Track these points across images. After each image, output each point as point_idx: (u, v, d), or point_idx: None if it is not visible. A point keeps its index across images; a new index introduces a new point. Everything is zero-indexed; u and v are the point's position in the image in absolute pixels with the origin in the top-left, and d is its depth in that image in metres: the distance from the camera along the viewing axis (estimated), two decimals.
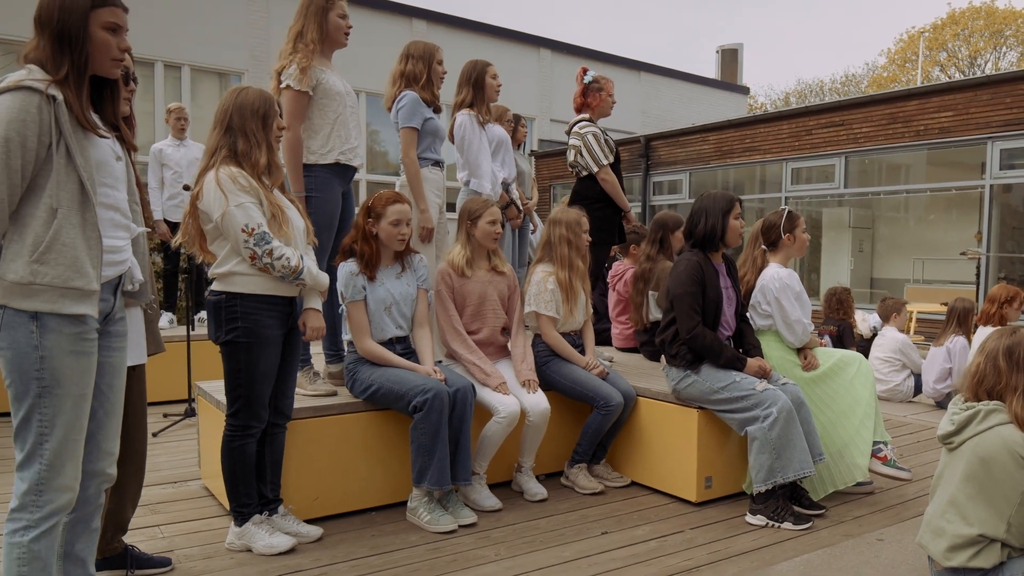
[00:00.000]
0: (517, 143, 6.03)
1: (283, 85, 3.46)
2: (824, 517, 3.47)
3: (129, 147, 2.30)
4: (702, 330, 3.53)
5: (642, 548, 3.11)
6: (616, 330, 5.24)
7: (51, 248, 1.95)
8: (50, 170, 1.95)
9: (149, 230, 2.53)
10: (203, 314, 6.40)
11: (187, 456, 4.35)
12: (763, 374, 3.55)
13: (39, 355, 1.98)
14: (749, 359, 3.58)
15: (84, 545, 2.27)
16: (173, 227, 6.09)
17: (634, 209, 10.44)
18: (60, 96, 1.96)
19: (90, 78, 2.08)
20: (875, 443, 3.84)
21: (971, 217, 11.50)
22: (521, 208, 4.73)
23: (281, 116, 3.03)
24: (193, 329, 5.46)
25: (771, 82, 61.54)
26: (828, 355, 3.91)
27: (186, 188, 5.81)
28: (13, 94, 1.91)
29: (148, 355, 2.77)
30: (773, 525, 3.36)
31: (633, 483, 3.93)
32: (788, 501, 3.47)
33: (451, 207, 4.23)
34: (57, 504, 2.04)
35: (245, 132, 2.86)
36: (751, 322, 3.92)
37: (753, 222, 14.41)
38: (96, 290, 2.04)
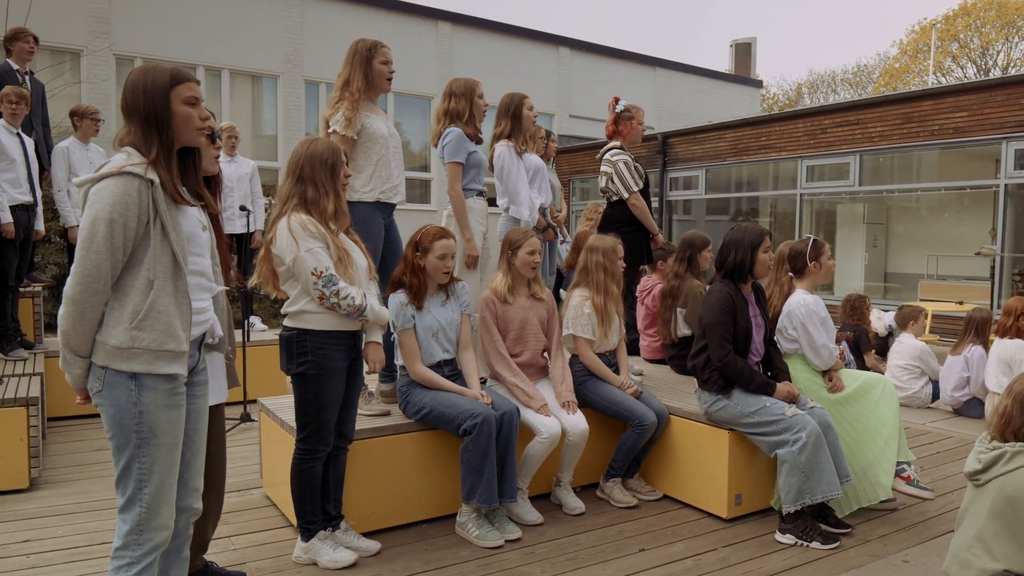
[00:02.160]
0: (547, 158, 6.10)
1: (330, 130, 3.59)
2: (850, 536, 3.55)
3: (212, 212, 2.41)
4: (733, 358, 3.61)
5: (678, 567, 3.22)
6: (644, 342, 5.32)
7: (148, 316, 2.08)
8: (147, 245, 2.07)
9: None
10: (253, 319, 6.55)
11: (247, 463, 4.50)
12: (792, 399, 3.63)
13: (138, 411, 2.11)
14: (778, 384, 3.65)
15: (176, 573, 2.41)
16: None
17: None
18: (156, 179, 2.08)
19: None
20: (898, 463, 3.90)
21: (985, 214, 11.41)
22: (555, 226, 4.82)
23: (347, 163, 3.14)
24: (248, 340, 5.61)
25: (783, 73, 60.69)
26: (853, 377, 3.98)
27: (242, 209, 5.96)
28: (116, 179, 2.03)
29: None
30: (802, 544, 3.44)
31: (665, 497, 4.03)
32: (816, 520, 3.55)
33: None
34: (155, 542, 2.19)
35: (315, 181, 2.98)
36: (778, 346, 3.99)
37: (768, 217, 14.33)
38: (186, 351, 2.17)
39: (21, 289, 5.27)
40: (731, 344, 3.63)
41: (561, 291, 6.32)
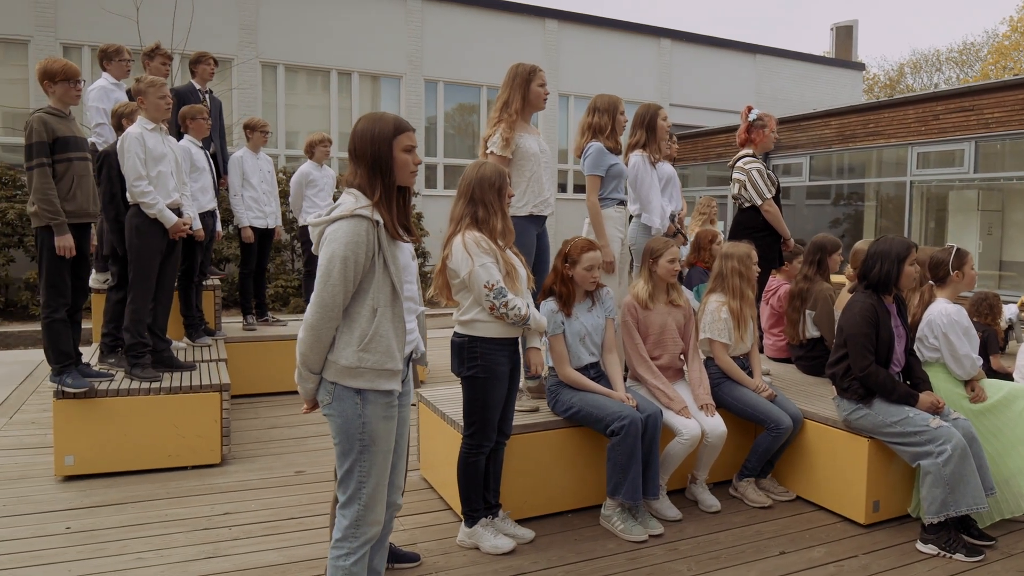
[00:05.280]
0: (670, 158, 5.97)
1: (488, 151, 3.64)
2: (994, 548, 3.36)
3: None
4: (875, 368, 3.45)
5: (821, 572, 3.14)
6: (769, 341, 5.16)
7: (373, 339, 2.21)
8: (372, 277, 2.20)
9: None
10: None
11: None
12: (935, 409, 3.44)
13: (361, 422, 2.25)
14: (921, 395, 3.47)
15: (379, 559, 2.56)
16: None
17: None
18: (380, 219, 2.19)
19: None
20: None
21: None
22: (684, 232, 4.74)
23: (510, 184, 3.19)
24: None
25: (884, 53, 56.50)
26: (997, 388, 3.72)
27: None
28: (349, 221, 2.16)
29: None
30: (945, 555, 3.28)
31: (798, 498, 3.92)
32: (959, 532, 3.37)
33: None
34: (369, 535, 2.33)
35: (484, 202, 3.05)
36: (918, 354, 3.78)
37: (872, 202, 13.52)
38: (401, 369, 2.30)
39: (203, 283, 5.66)
40: (873, 355, 3.47)
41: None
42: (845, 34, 24.15)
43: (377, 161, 2.21)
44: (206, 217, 5.31)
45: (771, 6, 58.37)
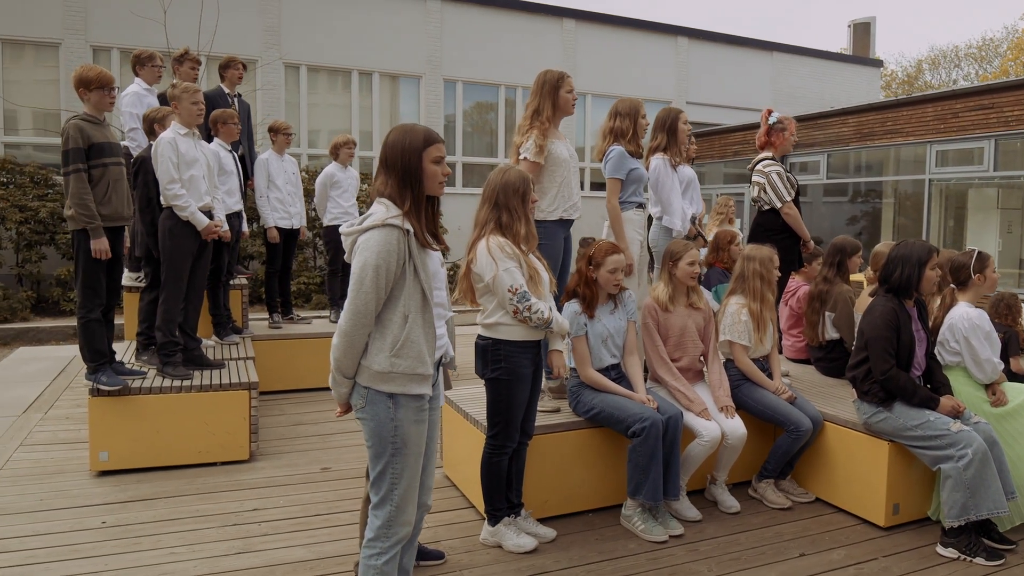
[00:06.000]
0: (689, 159, 5.94)
1: (521, 157, 3.64)
2: (1015, 552, 3.32)
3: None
4: (896, 372, 3.43)
5: (842, 575, 3.12)
6: (788, 342, 5.13)
7: (404, 345, 2.24)
8: (403, 285, 2.23)
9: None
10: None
11: None
12: (956, 414, 3.41)
13: (394, 425, 2.28)
14: (942, 399, 3.44)
15: (408, 558, 2.59)
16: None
17: None
18: (411, 228, 2.22)
19: None
20: None
21: None
22: (704, 235, 4.72)
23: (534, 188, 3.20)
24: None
25: (902, 49, 55.66)
26: (1018, 391, 3.68)
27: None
28: (380, 230, 2.18)
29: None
30: (965, 559, 3.26)
31: (817, 500, 3.90)
32: (979, 535, 3.34)
33: None
34: (401, 535, 2.36)
35: (509, 208, 3.06)
36: (939, 358, 3.74)
37: (891, 199, 13.35)
38: (432, 374, 2.32)
39: (230, 282, 5.73)
40: (894, 359, 3.44)
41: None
42: (863, 31, 23.82)
43: (407, 172, 2.24)
44: (232, 218, 5.36)
45: (788, 3, 57.73)
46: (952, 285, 3.81)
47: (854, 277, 4.87)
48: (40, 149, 11.77)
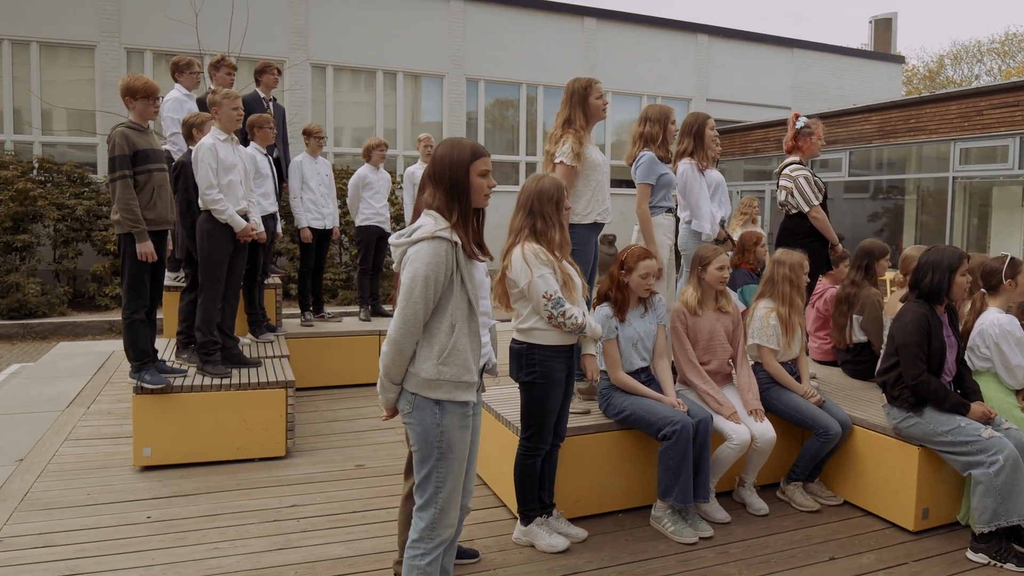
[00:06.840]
0: (713, 160, 5.91)
1: (557, 161, 3.65)
2: None
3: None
4: (927, 377, 3.40)
5: None
6: (814, 344, 5.10)
7: (451, 353, 2.27)
8: (451, 295, 2.26)
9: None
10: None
11: None
12: (987, 420, 3.38)
13: (440, 431, 2.31)
14: (973, 405, 3.41)
15: (449, 559, 2.63)
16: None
17: None
18: (458, 240, 2.25)
19: None
20: None
21: None
22: (733, 238, 4.71)
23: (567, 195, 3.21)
24: None
25: (923, 44, 54.67)
26: None
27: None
28: (430, 242, 2.22)
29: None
30: (995, 564, 3.24)
31: (845, 503, 3.89)
32: (1010, 541, 3.32)
33: None
34: (444, 537, 2.40)
35: (543, 215, 3.08)
36: (969, 363, 3.71)
37: (913, 196, 13.14)
38: (476, 381, 2.36)
39: (265, 282, 5.81)
40: (925, 364, 3.42)
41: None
42: (884, 27, 23.42)
43: (455, 185, 2.27)
44: (267, 220, 5.43)
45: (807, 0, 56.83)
46: (983, 290, 3.77)
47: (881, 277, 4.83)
48: (76, 148, 11.98)
